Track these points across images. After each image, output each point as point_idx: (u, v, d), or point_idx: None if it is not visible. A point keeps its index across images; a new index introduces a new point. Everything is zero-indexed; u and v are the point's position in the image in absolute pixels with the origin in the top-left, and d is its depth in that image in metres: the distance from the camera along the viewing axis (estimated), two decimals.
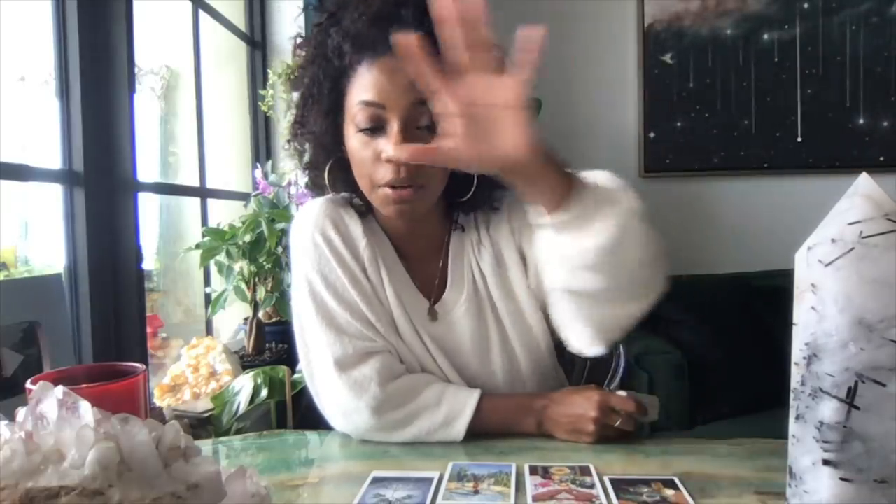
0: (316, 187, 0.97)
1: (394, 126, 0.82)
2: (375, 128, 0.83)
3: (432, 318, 0.95)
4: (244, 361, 1.63)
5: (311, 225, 0.93)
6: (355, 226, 0.93)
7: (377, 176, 0.85)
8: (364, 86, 0.83)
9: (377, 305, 0.91)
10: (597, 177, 0.75)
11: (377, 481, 0.73)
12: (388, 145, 0.82)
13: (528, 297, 0.95)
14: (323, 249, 0.91)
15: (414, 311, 0.94)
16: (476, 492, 0.70)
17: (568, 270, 0.72)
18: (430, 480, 0.73)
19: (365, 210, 0.95)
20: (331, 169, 0.92)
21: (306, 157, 0.96)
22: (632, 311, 0.77)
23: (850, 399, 0.51)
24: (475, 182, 0.91)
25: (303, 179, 0.98)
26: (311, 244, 0.92)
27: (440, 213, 0.97)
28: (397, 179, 0.83)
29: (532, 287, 0.95)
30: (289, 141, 0.97)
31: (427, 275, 0.97)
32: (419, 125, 0.83)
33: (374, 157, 0.84)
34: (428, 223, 0.95)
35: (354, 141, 0.85)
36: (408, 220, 0.91)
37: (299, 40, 0.94)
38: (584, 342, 0.81)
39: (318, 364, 0.90)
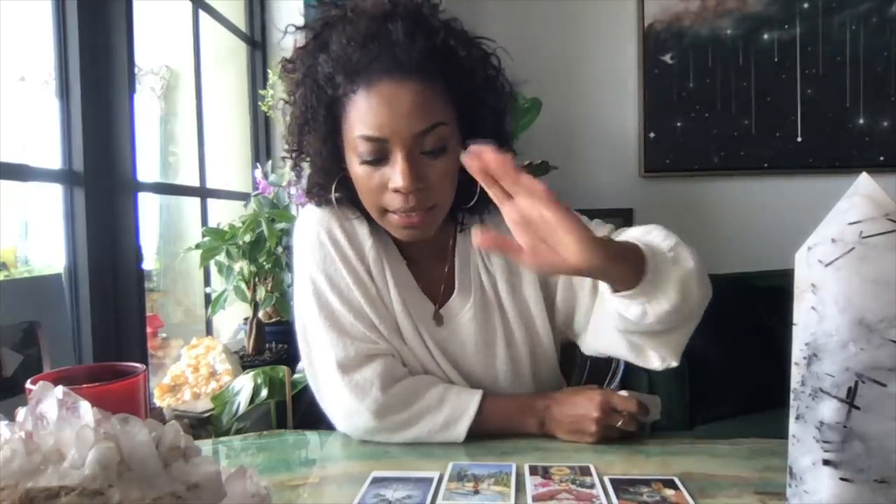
0: (322, 204, 0.94)
1: (398, 156, 0.80)
2: (379, 158, 0.82)
3: (438, 322, 0.94)
4: (244, 361, 1.63)
5: (316, 224, 0.92)
6: (361, 227, 0.92)
7: (386, 204, 0.84)
8: (363, 118, 0.81)
9: (381, 308, 0.91)
10: (652, 237, 0.78)
11: (377, 481, 0.73)
12: (395, 174, 0.81)
13: (539, 308, 0.96)
14: (328, 249, 0.91)
15: (418, 314, 0.93)
16: (476, 492, 0.70)
17: (634, 325, 0.76)
18: (430, 480, 0.73)
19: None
20: (336, 187, 0.91)
21: (307, 181, 0.94)
22: (692, 328, 0.82)
23: (850, 399, 0.51)
24: (478, 189, 0.89)
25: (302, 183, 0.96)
26: (317, 243, 0.91)
27: (445, 217, 0.97)
28: (407, 207, 0.82)
29: (559, 299, 0.95)
30: (283, 158, 0.95)
31: (433, 278, 0.96)
32: (423, 150, 0.82)
33: (381, 186, 0.83)
34: None
35: (358, 170, 0.84)
36: (419, 239, 0.89)
37: (286, 63, 0.91)
38: (657, 363, 0.83)
39: (321, 364, 0.90)
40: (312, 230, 0.92)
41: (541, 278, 0.96)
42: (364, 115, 0.81)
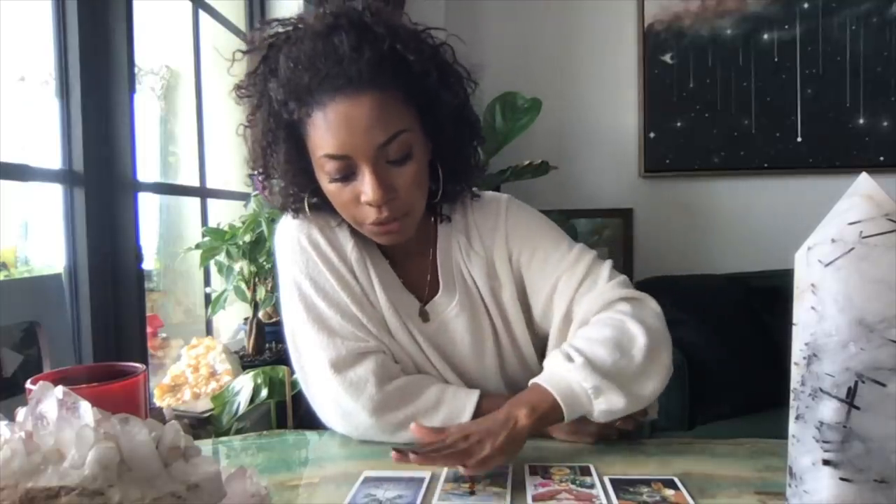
0: (300, 215, 0.94)
1: (365, 171, 0.80)
2: (347, 175, 0.82)
3: (424, 318, 0.95)
4: (244, 361, 1.63)
5: (296, 229, 0.92)
6: (341, 229, 0.92)
7: (361, 217, 0.84)
8: (324, 138, 0.80)
9: (368, 307, 0.91)
10: (573, 373, 0.80)
11: (369, 481, 0.73)
12: (365, 187, 0.81)
13: (517, 313, 0.96)
14: (310, 253, 0.91)
15: (405, 312, 0.93)
16: (472, 492, 0.70)
17: None
18: (421, 480, 0.73)
19: None
20: (311, 195, 0.91)
21: (280, 196, 0.93)
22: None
23: (850, 399, 0.51)
24: (441, 186, 0.90)
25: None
26: (298, 248, 0.91)
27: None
28: (381, 218, 0.83)
29: (536, 317, 0.96)
30: (261, 182, 0.94)
31: (416, 274, 0.96)
32: (389, 160, 0.81)
33: (354, 199, 0.83)
34: None
35: (330, 188, 0.84)
36: (400, 242, 0.89)
37: (238, 89, 0.91)
38: None
39: (313, 368, 0.89)
40: (293, 236, 0.92)
41: (519, 288, 0.96)
42: (324, 135, 0.80)
